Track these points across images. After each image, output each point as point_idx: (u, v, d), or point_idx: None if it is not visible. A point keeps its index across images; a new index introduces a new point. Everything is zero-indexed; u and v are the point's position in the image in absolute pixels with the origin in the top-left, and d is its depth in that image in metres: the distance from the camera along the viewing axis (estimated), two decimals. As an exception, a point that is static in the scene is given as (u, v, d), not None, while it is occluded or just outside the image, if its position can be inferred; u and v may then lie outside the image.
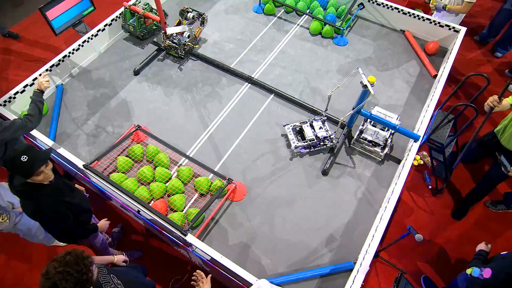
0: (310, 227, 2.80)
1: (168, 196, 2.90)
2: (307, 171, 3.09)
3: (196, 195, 2.94)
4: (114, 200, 3.02)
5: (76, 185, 2.67)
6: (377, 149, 3.09)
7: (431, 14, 4.21)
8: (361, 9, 4.20)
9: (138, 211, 2.63)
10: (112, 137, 3.26)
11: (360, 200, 2.95)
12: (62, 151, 2.88)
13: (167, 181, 2.96)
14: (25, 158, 1.90)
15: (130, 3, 3.86)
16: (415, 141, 2.96)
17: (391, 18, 4.15)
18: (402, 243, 3.50)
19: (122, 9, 3.85)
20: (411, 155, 2.91)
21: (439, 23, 3.84)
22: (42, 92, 2.70)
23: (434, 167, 3.53)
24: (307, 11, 4.30)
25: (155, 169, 3.03)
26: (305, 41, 4.06)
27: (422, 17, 3.90)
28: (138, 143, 3.20)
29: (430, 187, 3.74)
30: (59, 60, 3.47)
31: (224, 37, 4.09)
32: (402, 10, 3.98)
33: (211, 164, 3.10)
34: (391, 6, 4.02)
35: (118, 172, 2.98)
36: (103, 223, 2.68)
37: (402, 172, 2.80)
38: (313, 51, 3.96)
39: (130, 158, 3.06)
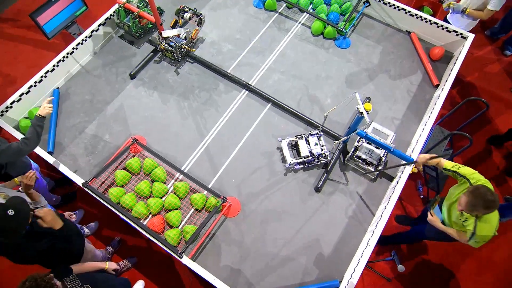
0: (301, 244, 2.93)
1: (165, 211, 3.01)
2: (300, 187, 3.16)
3: (192, 210, 3.04)
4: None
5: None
6: (371, 168, 3.13)
7: (446, 14, 4.00)
8: (366, 6, 3.99)
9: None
10: (109, 146, 3.31)
11: (351, 218, 3.05)
12: (62, 168, 2.95)
13: (164, 196, 3.06)
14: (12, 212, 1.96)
15: (124, 0, 3.69)
16: (408, 164, 2.99)
17: (397, 18, 3.96)
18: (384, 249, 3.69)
19: (116, 6, 3.70)
20: (403, 178, 2.95)
21: (446, 28, 3.67)
22: (43, 117, 2.68)
23: (427, 180, 3.59)
24: (310, 8, 4.10)
25: (152, 182, 3.12)
26: (306, 43, 3.92)
27: (430, 20, 3.72)
28: (135, 154, 3.25)
29: (422, 196, 3.83)
30: (54, 66, 3.41)
31: (222, 36, 3.95)
32: (409, 11, 3.79)
33: (207, 178, 3.18)
34: (398, 7, 3.82)
35: (116, 185, 3.07)
36: None
37: (392, 196, 2.87)
38: (314, 54, 3.85)
39: (127, 171, 3.13)
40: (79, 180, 2.89)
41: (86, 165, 3.22)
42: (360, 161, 3.14)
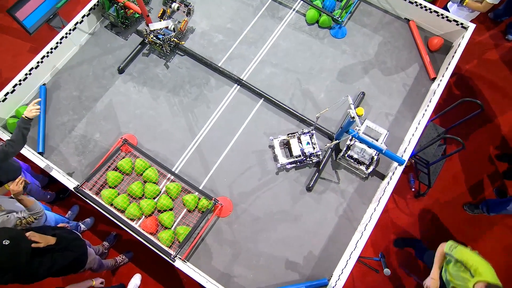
0: (292, 243, 3.00)
1: (158, 211, 3.05)
2: (292, 186, 3.18)
3: (185, 210, 3.08)
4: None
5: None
6: (362, 167, 3.13)
7: (447, 1, 3.81)
8: (364, -9, 3.79)
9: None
10: (100, 146, 3.28)
11: (341, 217, 3.10)
12: (54, 172, 2.94)
13: (156, 196, 3.08)
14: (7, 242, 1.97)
15: (108, -12, 3.49)
16: (400, 165, 2.98)
17: (396, 4, 3.77)
18: (374, 241, 3.79)
19: (99, -4, 3.51)
20: (394, 179, 2.96)
21: (447, 17, 3.51)
22: (30, 119, 2.62)
23: (418, 175, 3.60)
24: (305, -7, 3.90)
25: (144, 182, 3.13)
26: (300, 32, 3.76)
27: (430, 8, 3.55)
28: (127, 153, 3.23)
29: (413, 189, 3.86)
30: (38, 62, 3.29)
31: (213, 26, 3.78)
32: (408, -2, 3.60)
33: (199, 177, 3.19)
34: (397, -7, 3.63)
35: (109, 186, 3.08)
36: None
37: (382, 198, 2.90)
38: (307, 45, 3.71)
39: (119, 171, 3.13)
40: (70, 185, 2.89)
41: (78, 165, 3.22)
42: (352, 160, 3.14)
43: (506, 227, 3.76)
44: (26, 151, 2.99)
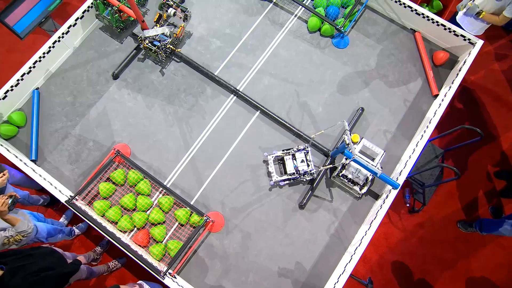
0: (282, 260, 3.02)
1: (150, 224, 3.06)
2: (285, 203, 3.16)
3: (176, 224, 3.09)
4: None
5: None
6: (356, 188, 3.10)
7: (455, 11, 3.64)
8: (370, -1, 3.62)
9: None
10: (94, 155, 3.26)
11: (332, 236, 3.10)
12: (46, 184, 2.93)
13: (149, 209, 3.08)
14: None
15: (102, -11, 3.36)
16: (394, 189, 2.94)
17: (403, 14, 3.61)
18: (365, 255, 3.81)
19: (93, -2, 3.38)
20: (387, 202, 2.93)
21: (454, 31, 3.37)
22: None
23: (413, 192, 3.57)
24: (308, -2, 3.74)
25: (137, 194, 3.12)
26: (300, 40, 3.64)
27: (437, 21, 3.39)
28: (119, 163, 3.21)
29: (408, 204, 3.84)
30: (30, 68, 3.22)
31: (211, 30, 3.66)
32: (415, 9, 3.44)
33: (192, 190, 3.18)
34: (403, 3, 3.46)
35: (101, 197, 3.08)
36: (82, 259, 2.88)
37: (375, 221, 2.88)
38: (308, 55, 3.59)
39: (112, 182, 3.12)
40: (62, 197, 2.89)
41: (71, 174, 3.21)
42: (346, 180, 3.10)
43: (498, 246, 3.76)
44: (18, 160, 2.97)
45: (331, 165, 2.83)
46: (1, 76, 3.63)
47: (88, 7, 3.41)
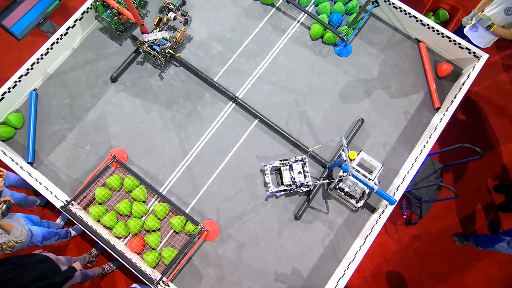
0: (275, 271, 3.03)
1: (145, 231, 3.06)
2: (280, 214, 3.15)
3: (171, 231, 3.09)
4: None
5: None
6: (353, 201, 3.08)
7: (462, 22, 3.57)
8: (375, 7, 3.54)
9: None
10: (91, 159, 3.25)
11: (327, 248, 3.10)
12: (41, 189, 2.93)
13: (144, 216, 3.08)
14: None
15: (102, -9, 3.30)
16: (390, 204, 2.92)
17: (408, 24, 3.54)
18: (360, 266, 3.81)
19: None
20: (383, 218, 2.92)
21: (459, 44, 3.29)
22: None
23: (411, 204, 3.55)
24: (312, 3, 3.66)
25: (133, 201, 3.12)
26: (302, 47, 3.57)
27: (442, 33, 3.32)
28: (116, 168, 3.20)
29: (404, 216, 3.83)
30: (28, 69, 3.19)
31: (211, 34, 3.60)
32: (421, 20, 3.36)
33: (188, 198, 3.17)
34: (409, 13, 3.38)
35: (96, 203, 3.08)
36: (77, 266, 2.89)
37: (369, 236, 2.87)
38: (309, 63, 3.53)
39: (107, 187, 3.12)
40: (57, 203, 2.89)
41: (67, 178, 3.20)
42: (343, 193, 3.08)
43: (494, 260, 3.75)
44: (14, 164, 2.97)
45: (327, 180, 2.81)
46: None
47: (88, 8, 3.36)
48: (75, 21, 3.33)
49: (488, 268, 3.74)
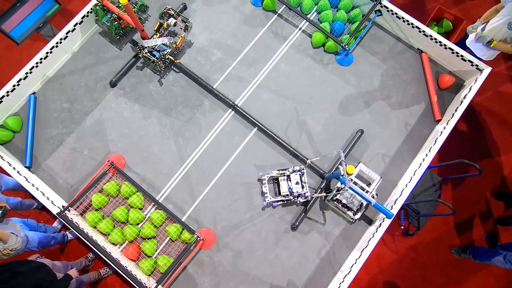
0: (271, 281, 3.03)
1: (141, 238, 3.06)
2: (277, 224, 3.14)
3: (168, 239, 3.09)
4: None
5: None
6: (350, 213, 3.06)
7: (465, 32, 3.53)
8: (378, 16, 3.50)
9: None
10: (88, 164, 3.24)
11: (323, 259, 3.09)
12: (38, 195, 2.93)
13: (140, 222, 3.08)
14: None
15: (102, -5, 3.27)
16: (388, 218, 2.91)
17: (410, 34, 3.50)
18: (358, 277, 3.80)
19: (93, 3, 3.29)
20: (380, 231, 2.90)
21: (462, 56, 3.26)
22: None
23: (408, 216, 3.54)
24: (314, 11, 3.63)
25: (129, 207, 3.11)
26: (303, 55, 3.54)
27: (445, 44, 3.28)
28: (113, 174, 3.19)
29: (402, 227, 3.81)
30: (26, 73, 3.18)
31: (212, 40, 3.57)
32: (423, 31, 3.32)
33: (185, 206, 3.17)
34: (412, 23, 3.34)
35: (93, 209, 3.08)
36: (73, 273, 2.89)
37: (366, 250, 2.86)
38: (310, 71, 3.50)
39: (104, 194, 3.11)
40: (54, 209, 2.89)
41: (64, 183, 3.20)
42: (340, 205, 3.06)
43: (491, 273, 3.74)
44: (11, 169, 2.97)
45: (323, 194, 2.79)
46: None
47: (88, 12, 3.33)
48: (75, 25, 3.31)
49: (485, 280, 3.73)
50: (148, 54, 3.27)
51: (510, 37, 3.11)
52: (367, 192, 3.02)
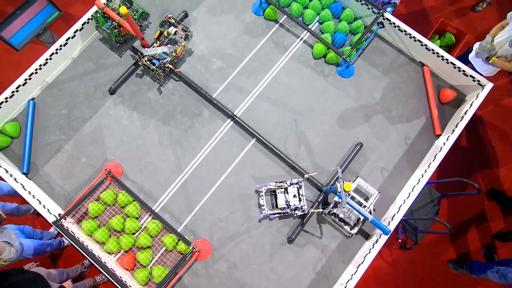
0: (265, 294, 3.02)
1: (137, 247, 3.06)
2: (273, 236, 3.13)
3: (163, 249, 3.08)
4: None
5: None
6: (347, 228, 3.05)
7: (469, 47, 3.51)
8: (380, 28, 3.48)
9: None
10: (86, 172, 3.23)
11: (318, 273, 3.07)
12: (34, 203, 2.92)
13: (136, 232, 3.07)
14: None
15: (104, 2, 3.26)
16: (385, 234, 2.89)
17: (412, 47, 3.47)
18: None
19: (94, 10, 3.28)
20: (376, 247, 2.89)
21: (464, 71, 3.23)
22: None
23: (406, 231, 3.52)
24: (316, 21, 3.60)
25: (126, 217, 3.10)
26: (304, 66, 3.52)
27: (447, 59, 3.26)
28: (110, 183, 3.19)
29: (400, 240, 3.79)
30: (25, 79, 3.16)
31: (213, 49, 3.55)
32: (425, 44, 3.30)
33: (181, 216, 3.16)
34: (414, 37, 3.32)
35: (89, 217, 3.07)
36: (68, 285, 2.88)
37: (362, 266, 2.84)
38: (310, 83, 3.48)
39: (101, 202, 3.10)
40: (50, 218, 2.88)
41: (61, 191, 3.19)
42: (337, 219, 3.05)
43: (487, 289, 3.73)
44: (8, 176, 2.96)
45: (320, 210, 2.78)
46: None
47: (88, 19, 3.32)
48: (75, 32, 3.29)
49: (481, 296, 3.72)
50: (147, 62, 3.25)
51: (511, 54, 3.08)
52: (364, 207, 3.01)
